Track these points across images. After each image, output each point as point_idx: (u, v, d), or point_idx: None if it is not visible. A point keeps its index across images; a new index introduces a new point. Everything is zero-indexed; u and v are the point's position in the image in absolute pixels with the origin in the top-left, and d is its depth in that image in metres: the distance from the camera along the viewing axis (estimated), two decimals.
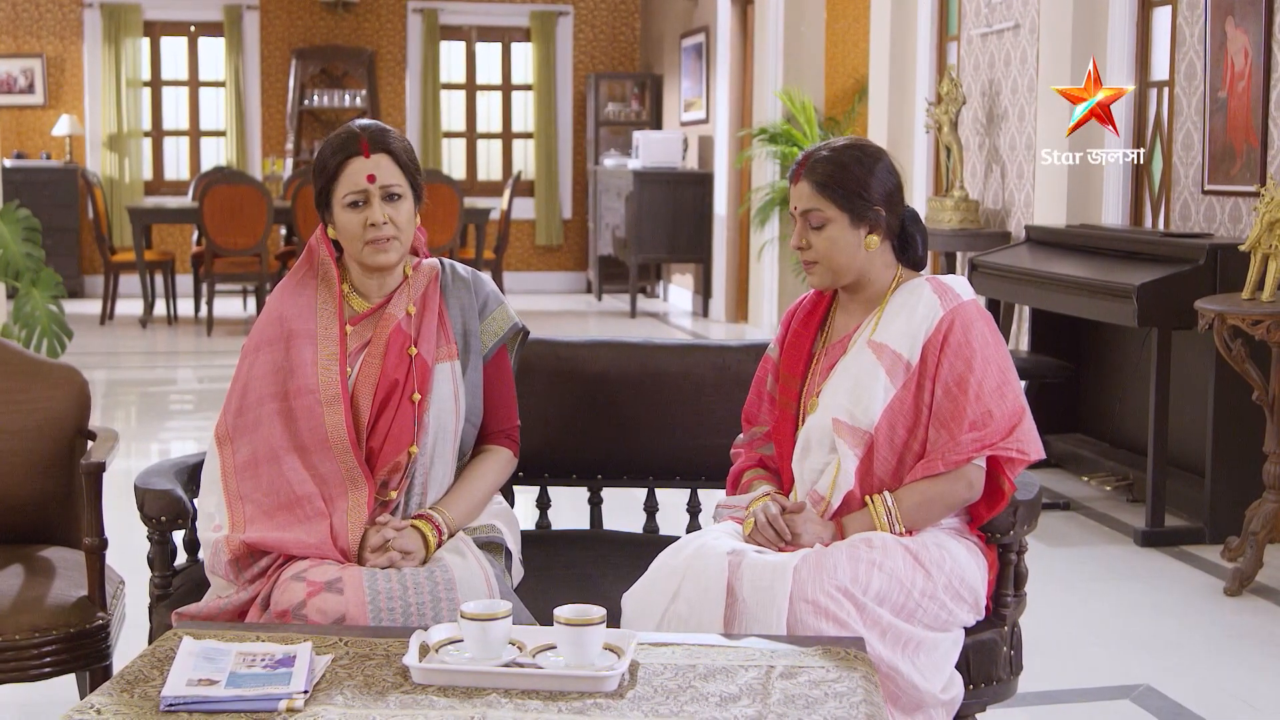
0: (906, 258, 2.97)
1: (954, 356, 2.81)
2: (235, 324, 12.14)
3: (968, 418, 2.78)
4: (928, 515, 2.81)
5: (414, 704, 2.22)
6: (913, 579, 2.72)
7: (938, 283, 2.89)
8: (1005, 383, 2.82)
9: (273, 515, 2.81)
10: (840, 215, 2.87)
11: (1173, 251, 5.62)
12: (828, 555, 2.70)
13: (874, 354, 2.86)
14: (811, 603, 2.63)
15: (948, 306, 2.84)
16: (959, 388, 2.79)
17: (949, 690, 2.73)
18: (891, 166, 2.93)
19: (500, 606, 2.40)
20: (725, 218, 12.09)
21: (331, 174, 2.91)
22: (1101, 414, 6.65)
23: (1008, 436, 2.78)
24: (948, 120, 7.88)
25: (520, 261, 14.63)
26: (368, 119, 3.01)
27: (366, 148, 2.89)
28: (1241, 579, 4.83)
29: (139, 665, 2.36)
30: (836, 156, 2.90)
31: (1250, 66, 5.80)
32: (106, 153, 13.90)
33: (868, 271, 2.92)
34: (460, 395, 2.96)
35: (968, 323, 2.83)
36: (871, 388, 2.84)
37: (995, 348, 2.85)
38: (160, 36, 14.35)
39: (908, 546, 2.76)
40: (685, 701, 2.24)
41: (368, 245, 2.90)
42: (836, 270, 2.91)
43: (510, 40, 14.91)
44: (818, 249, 2.90)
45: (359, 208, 2.89)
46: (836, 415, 2.86)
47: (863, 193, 2.87)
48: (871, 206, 2.87)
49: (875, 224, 2.89)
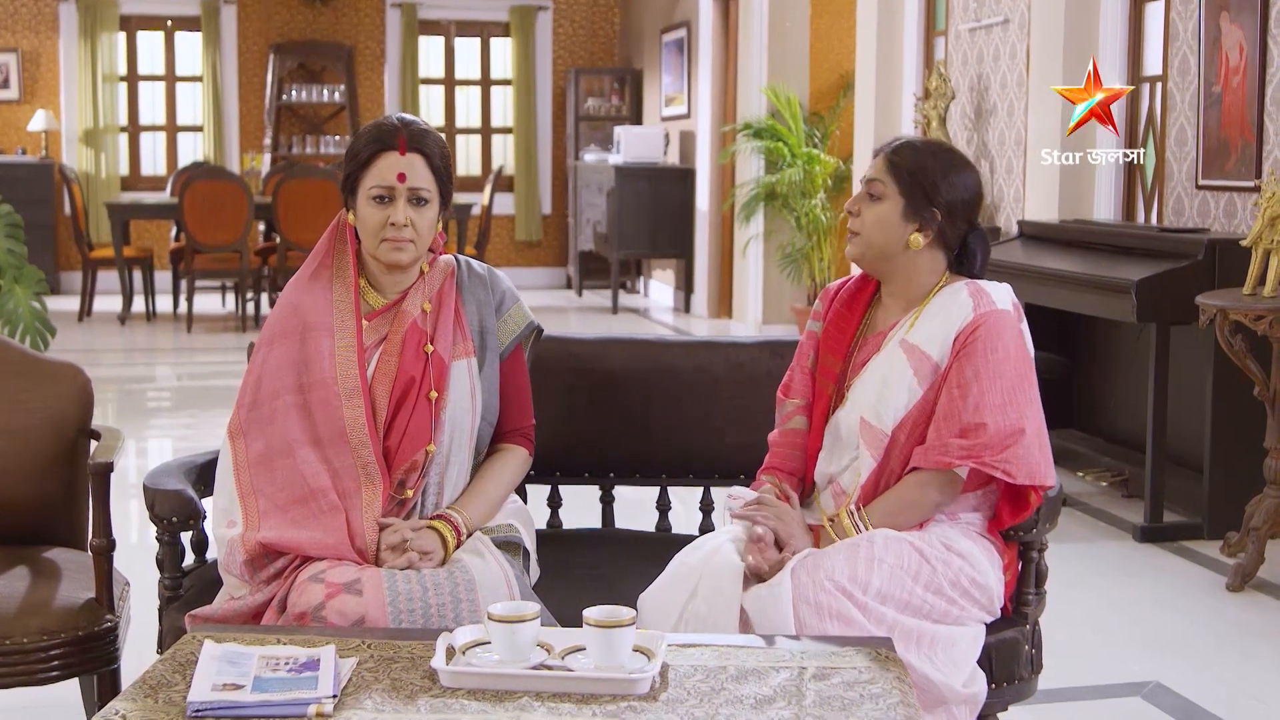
0: (962, 269, 2.93)
1: (966, 360, 2.77)
2: (215, 320, 12.05)
3: (959, 423, 2.74)
4: (896, 525, 2.78)
5: (445, 708, 2.18)
6: (916, 574, 2.69)
7: (976, 287, 2.85)
8: (1012, 401, 2.75)
9: (286, 509, 2.75)
10: (897, 199, 2.85)
11: (1170, 247, 5.61)
12: (825, 555, 2.67)
13: (905, 354, 2.83)
14: (814, 605, 2.60)
15: (979, 311, 2.80)
16: (960, 391, 2.75)
17: (970, 686, 2.69)
18: (972, 182, 2.89)
19: (529, 608, 2.36)
20: (707, 213, 12.07)
21: (363, 162, 2.85)
22: (1096, 409, 6.64)
23: (998, 453, 2.71)
24: (936, 115, 7.87)
25: (500, 257, 14.56)
26: (409, 115, 2.95)
27: (403, 144, 2.84)
28: (1243, 574, 4.83)
29: (160, 670, 2.31)
30: (923, 148, 2.90)
31: (1245, 61, 5.80)
32: (82, 148, 13.78)
33: (906, 269, 2.88)
34: (477, 393, 2.92)
35: (993, 331, 2.78)
36: (897, 388, 2.82)
37: (1015, 363, 2.78)
38: (136, 31, 14.24)
39: (912, 542, 2.72)
40: (720, 704, 2.21)
41: (384, 242, 2.85)
42: (870, 248, 2.88)
43: (489, 35, 14.85)
44: (865, 220, 2.88)
45: (383, 203, 2.84)
46: (863, 414, 2.84)
47: (928, 190, 2.83)
48: (930, 206, 2.84)
49: (927, 224, 2.85)
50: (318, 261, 2.95)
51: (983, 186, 2.93)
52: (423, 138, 2.87)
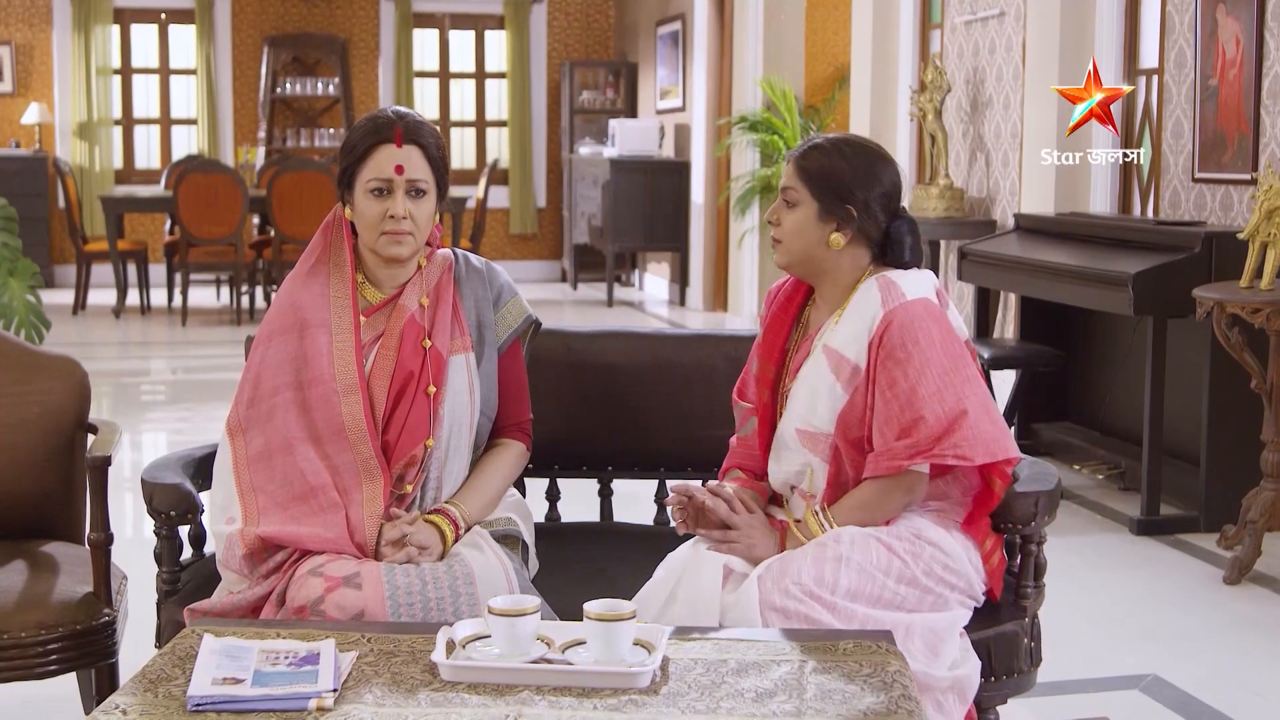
0: (889, 260, 2.90)
1: (887, 359, 2.74)
2: (210, 314, 12.03)
3: (898, 423, 2.72)
4: (863, 523, 2.77)
5: (446, 702, 2.17)
6: (887, 568, 2.67)
7: (885, 280, 2.82)
8: (946, 385, 2.71)
9: (286, 507, 2.75)
10: (811, 203, 2.83)
11: (1167, 239, 5.61)
12: (792, 560, 2.66)
13: (826, 359, 2.82)
14: (780, 610, 2.59)
15: (888, 306, 2.76)
16: (890, 390, 2.72)
17: (956, 669, 2.68)
18: (885, 174, 2.85)
19: (529, 602, 2.36)
20: (703, 206, 12.06)
21: (359, 156, 2.84)
22: (1091, 402, 6.64)
23: (940, 441, 2.69)
24: (932, 108, 7.86)
25: (495, 250, 14.55)
26: (403, 107, 2.94)
27: (400, 137, 2.83)
28: (1240, 567, 4.83)
29: (160, 663, 2.30)
30: (829, 148, 2.86)
31: (1242, 54, 5.80)
32: (76, 141, 13.76)
33: (830, 268, 2.86)
34: (475, 388, 2.91)
35: (906, 323, 2.74)
36: (822, 395, 2.81)
37: (941, 348, 2.74)
38: (130, 24, 14.21)
39: (879, 538, 2.71)
40: (721, 697, 2.20)
41: (384, 235, 2.84)
42: (793, 254, 2.87)
43: (484, 28, 14.83)
44: (784, 228, 2.87)
45: (381, 196, 2.83)
46: (798, 425, 2.84)
47: (839, 190, 2.81)
48: (844, 205, 2.82)
49: (844, 222, 2.83)
50: (315, 257, 2.94)
51: (899, 175, 2.90)
52: (418, 129, 2.86)
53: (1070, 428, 6.65)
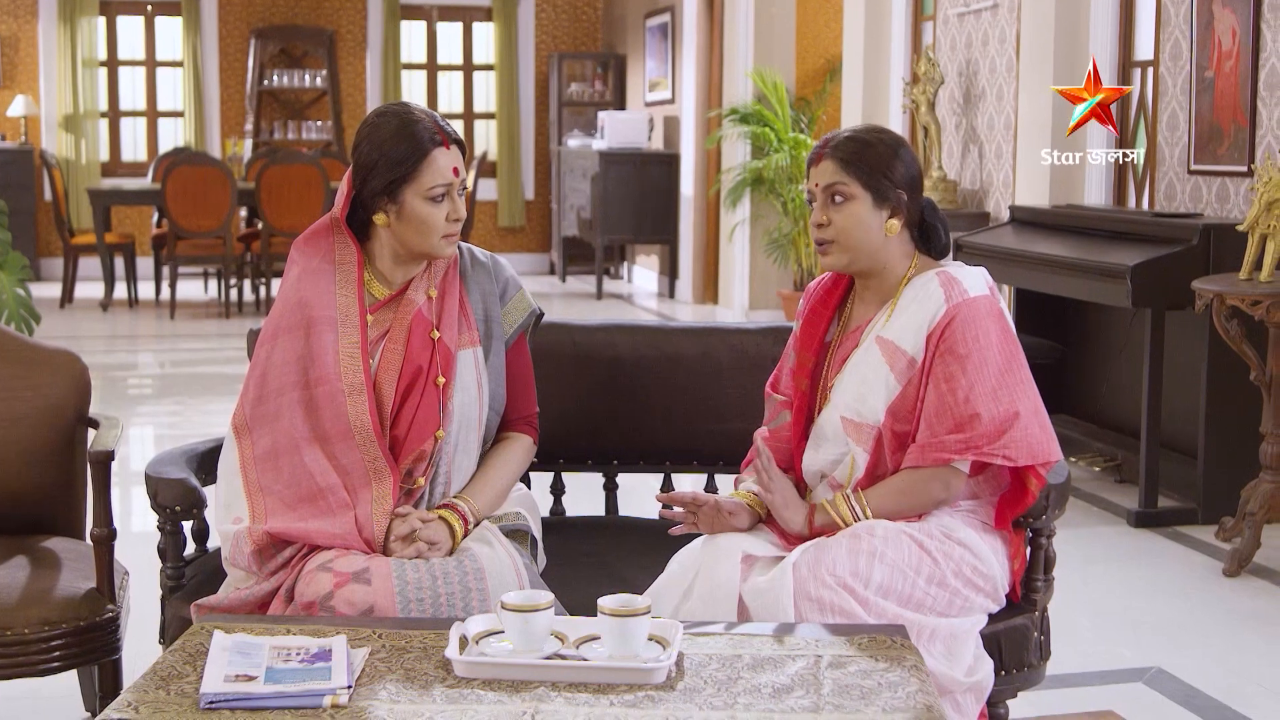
0: (927, 248, 2.92)
1: (947, 354, 2.74)
2: (198, 307, 11.98)
3: (952, 418, 2.71)
4: (895, 514, 2.76)
5: (461, 699, 2.15)
6: (918, 567, 2.67)
7: (947, 276, 2.81)
8: (1003, 386, 2.72)
9: (295, 507, 2.72)
10: (864, 193, 2.82)
11: (1164, 232, 5.60)
12: (827, 549, 2.65)
13: (880, 350, 2.81)
14: (815, 599, 2.58)
15: (951, 302, 2.76)
16: (949, 386, 2.72)
17: (974, 674, 2.68)
18: (913, 155, 2.89)
19: (542, 598, 2.34)
20: (692, 198, 12.03)
21: (413, 165, 2.79)
22: (1087, 394, 6.63)
23: (995, 441, 2.69)
24: (925, 100, 7.85)
25: (483, 243, 14.50)
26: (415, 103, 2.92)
27: (446, 139, 2.81)
28: (1240, 560, 4.83)
29: (170, 660, 2.28)
30: (860, 136, 2.87)
31: (1238, 46, 5.79)
32: (62, 133, 13.69)
33: (884, 258, 2.86)
34: (484, 382, 2.89)
35: (969, 320, 2.74)
36: (875, 385, 2.80)
37: (999, 348, 2.75)
38: (116, 15, 14.15)
39: (912, 535, 2.70)
40: (738, 693, 2.19)
41: (444, 238, 2.83)
42: (854, 250, 2.84)
43: (471, 20, 14.79)
44: (837, 226, 2.83)
45: (439, 201, 2.81)
46: (845, 414, 2.82)
47: (887, 173, 2.82)
48: (895, 188, 2.82)
49: (898, 207, 2.83)
50: (320, 256, 2.90)
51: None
52: (450, 127, 2.86)
53: (1067, 420, 6.63)
